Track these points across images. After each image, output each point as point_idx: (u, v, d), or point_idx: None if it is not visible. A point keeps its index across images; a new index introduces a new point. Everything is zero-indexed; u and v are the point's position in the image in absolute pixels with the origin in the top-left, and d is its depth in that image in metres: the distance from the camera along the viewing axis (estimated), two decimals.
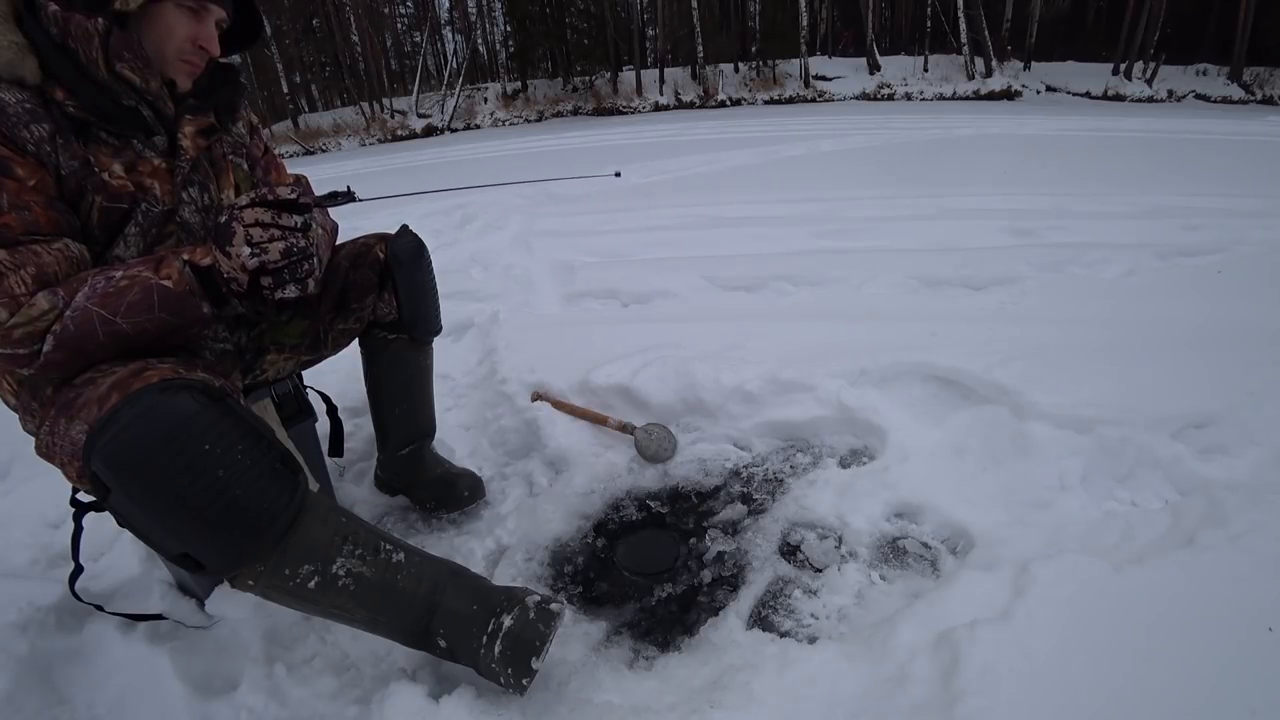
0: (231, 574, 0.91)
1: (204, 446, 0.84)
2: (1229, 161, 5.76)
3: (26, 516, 1.51)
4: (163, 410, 0.83)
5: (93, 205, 0.96)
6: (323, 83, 22.07)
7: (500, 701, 1.02)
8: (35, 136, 0.90)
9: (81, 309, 0.88)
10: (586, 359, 1.89)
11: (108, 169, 0.97)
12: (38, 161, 0.90)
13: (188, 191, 1.07)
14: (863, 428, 1.62)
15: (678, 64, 18.39)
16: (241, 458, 0.87)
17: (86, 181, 0.95)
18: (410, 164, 9.41)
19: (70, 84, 0.93)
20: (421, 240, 1.35)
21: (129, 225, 0.99)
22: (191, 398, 0.86)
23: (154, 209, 1.02)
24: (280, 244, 0.90)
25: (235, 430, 0.88)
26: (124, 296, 0.89)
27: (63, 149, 0.92)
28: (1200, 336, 1.90)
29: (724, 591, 1.26)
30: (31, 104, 0.90)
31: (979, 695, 0.88)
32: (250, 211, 0.89)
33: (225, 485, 0.85)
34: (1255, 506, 1.16)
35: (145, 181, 1.01)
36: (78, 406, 0.86)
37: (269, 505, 0.88)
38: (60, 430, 0.87)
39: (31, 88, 0.91)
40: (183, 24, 0.98)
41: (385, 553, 1.01)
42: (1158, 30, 14.90)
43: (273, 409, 1.34)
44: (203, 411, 0.85)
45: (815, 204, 4.23)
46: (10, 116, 0.88)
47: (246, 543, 0.87)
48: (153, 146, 1.03)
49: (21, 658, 1.11)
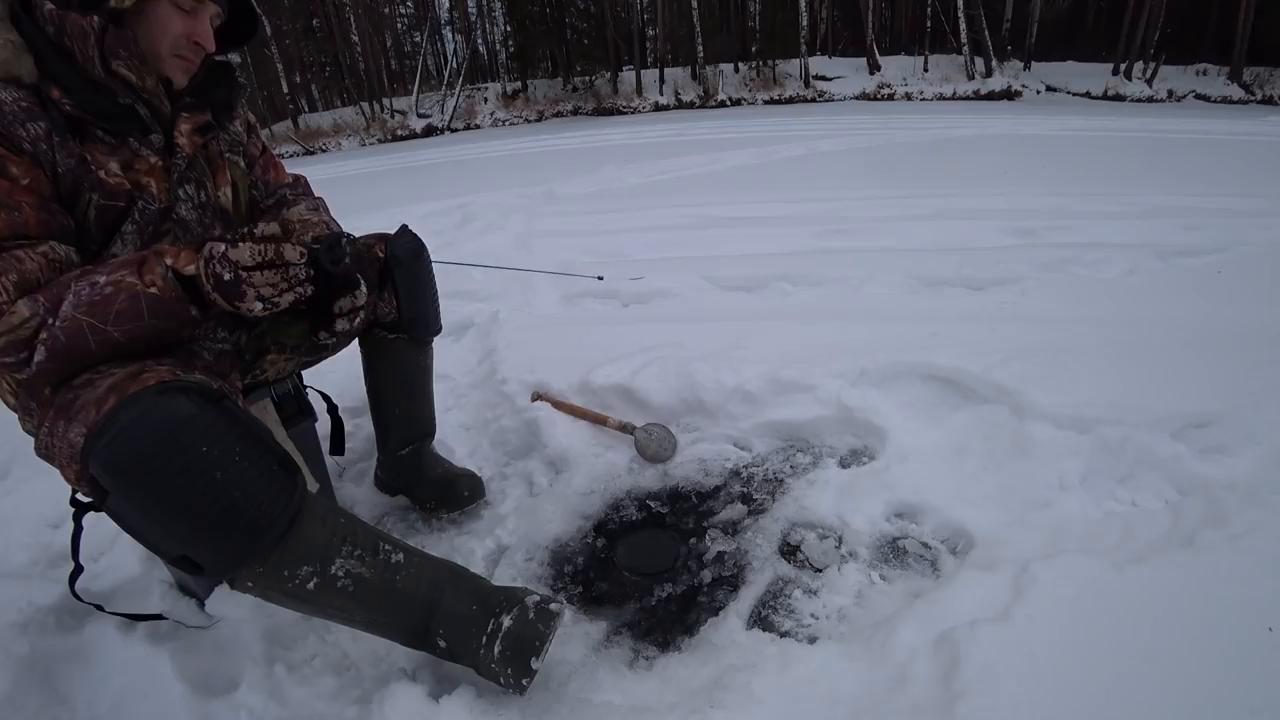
0: (230, 576, 0.91)
1: (201, 449, 0.84)
2: (1229, 161, 5.75)
3: (26, 516, 1.51)
4: (160, 413, 0.83)
5: (89, 204, 0.96)
6: (323, 83, 22.06)
7: (500, 701, 1.02)
8: (31, 135, 0.90)
9: (70, 318, 0.87)
10: (586, 359, 1.89)
11: (104, 167, 0.97)
12: (33, 160, 0.90)
13: (184, 189, 1.07)
14: (863, 428, 1.62)
15: (678, 64, 18.37)
16: (239, 460, 0.87)
17: (83, 180, 0.95)
18: (410, 164, 9.41)
19: (66, 82, 0.93)
20: (421, 240, 1.35)
21: (126, 224, 0.99)
22: (189, 400, 0.86)
23: (150, 207, 1.02)
24: (289, 295, 0.92)
25: (233, 432, 0.88)
26: (111, 304, 0.88)
27: (59, 147, 0.92)
28: (1200, 336, 1.90)
29: (724, 591, 1.26)
30: (28, 102, 0.90)
31: (979, 695, 0.88)
32: (259, 275, 0.90)
33: (223, 487, 0.84)
34: (1255, 506, 1.17)
35: (142, 179, 1.01)
36: (76, 409, 0.86)
37: (267, 507, 0.88)
38: (59, 432, 0.87)
39: (28, 86, 0.91)
40: (177, 20, 0.98)
41: (384, 553, 1.01)
42: (1158, 30, 14.89)
43: (273, 409, 1.34)
44: (200, 414, 0.85)
45: (815, 204, 4.24)
46: (6, 115, 0.88)
47: (245, 544, 0.87)
48: (149, 145, 1.02)
49: (21, 658, 1.11)
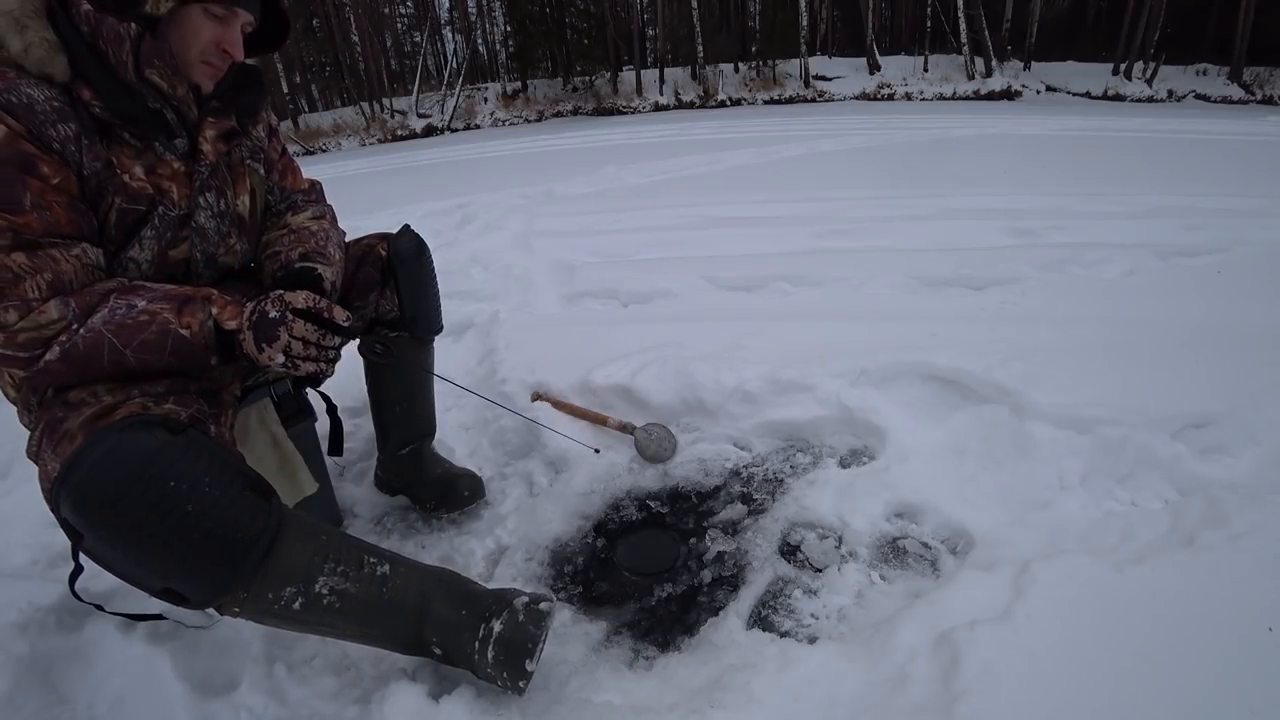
0: (215, 604, 0.90)
1: (169, 483, 0.83)
2: (1229, 161, 5.75)
3: (26, 516, 1.50)
4: (123, 451, 0.83)
5: (111, 207, 0.96)
6: (323, 83, 22.05)
7: (500, 701, 1.02)
8: (61, 135, 0.90)
9: (96, 331, 0.88)
10: (586, 359, 1.89)
11: (129, 171, 0.97)
12: (62, 161, 0.90)
13: (204, 197, 1.07)
14: (863, 428, 1.62)
15: (678, 64, 18.36)
16: (209, 489, 0.86)
17: (107, 184, 0.95)
18: (410, 164, 9.40)
19: (97, 84, 0.92)
20: (423, 239, 1.35)
21: (145, 228, 0.99)
22: (150, 435, 0.85)
23: (170, 213, 1.02)
24: (311, 365, 0.94)
25: (199, 462, 0.87)
26: (140, 332, 0.90)
27: (87, 150, 0.92)
28: (1200, 336, 1.90)
29: (724, 591, 1.26)
30: (60, 102, 0.90)
31: (979, 695, 0.88)
32: (300, 325, 0.92)
33: (195, 519, 0.84)
34: (1255, 506, 1.16)
35: (163, 184, 1.01)
36: (59, 435, 0.88)
37: (242, 533, 0.88)
38: (46, 448, 0.89)
39: (59, 85, 0.91)
40: (209, 28, 0.97)
41: (369, 566, 1.00)
42: (1158, 30, 14.88)
43: (272, 409, 1.34)
44: (164, 448, 0.85)
45: (815, 204, 4.23)
46: (39, 114, 0.88)
47: (224, 573, 0.87)
48: (173, 149, 1.02)
49: (21, 658, 1.11)
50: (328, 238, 1.21)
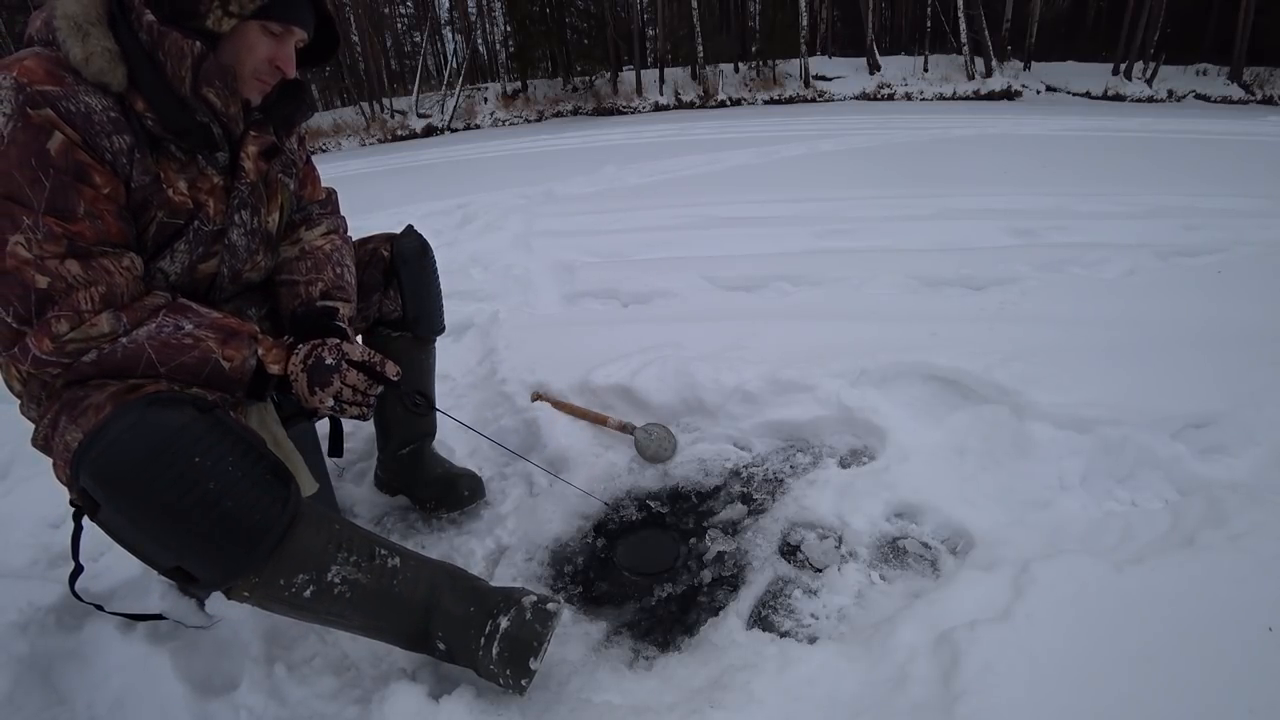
0: (225, 586, 0.90)
1: (194, 459, 0.84)
2: (1229, 161, 5.75)
3: (26, 516, 1.51)
4: (150, 424, 0.83)
5: (153, 220, 0.96)
6: (322, 83, 22.02)
7: (500, 701, 1.02)
8: (114, 147, 0.89)
9: (139, 344, 0.90)
10: (586, 359, 1.89)
11: (173, 185, 0.97)
12: (112, 171, 0.90)
13: (240, 214, 1.07)
14: (863, 428, 1.62)
15: (678, 64, 18.35)
16: (232, 469, 0.87)
17: (153, 196, 0.95)
18: (410, 164, 9.40)
19: (152, 96, 0.92)
20: (426, 240, 1.35)
21: (179, 241, 1.00)
22: (181, 410, 0.86)
23: (205, 228, 1.02)
24: (356, 410, 0.98)
25: (225, 442, 0.88)
26: (181, 354, 0.92)
27: (138, 163, 0.92)
28: (1200, 336, 1.90)
29: (724, 591, 1.26)
30: (115, 113, 0.90)
31: (979, 695, 0.88)
32: (353, 375, 0.96)
33: (216, 497, 0.84)
34: (1255, 506, 1.16)
35: (201, 198, 1.01)
36: (80, 409, 0.87)
37: (261, 516, 0.88)
38: (60, 427, 0.88)
39: (114, 95, 0.90)
40: (264, 44, 0.97)
41: (380, 558, 1.00)
42: (1158, 30, 14.88)
43: (273, 409, 1.33)
44: (191, 424, 0.86)
45: (815, 204, 4.23)
46: (95, 124, 0.87)
47: (239, 554, 0.87)
48: (214, 163, 1.02)
49: (21, 658, 1.11)
50: (343, 264, 1.22)
